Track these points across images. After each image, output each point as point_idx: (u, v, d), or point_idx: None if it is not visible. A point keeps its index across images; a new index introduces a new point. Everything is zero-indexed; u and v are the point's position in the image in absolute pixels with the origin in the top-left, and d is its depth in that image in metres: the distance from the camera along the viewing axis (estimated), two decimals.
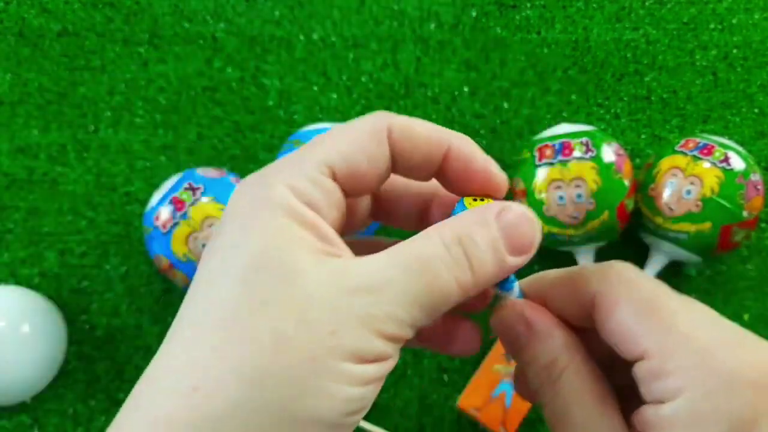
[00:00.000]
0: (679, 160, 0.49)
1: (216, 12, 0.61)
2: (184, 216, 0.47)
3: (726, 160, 0.48)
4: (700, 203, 0.48)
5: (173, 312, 0.19)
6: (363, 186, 0.20)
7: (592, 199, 0.48)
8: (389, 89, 0.60)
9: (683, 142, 0.51)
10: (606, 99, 0.60)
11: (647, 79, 0.61)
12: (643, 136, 0.59)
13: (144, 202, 0.56)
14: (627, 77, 0.61)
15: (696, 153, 0.49)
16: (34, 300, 0.50)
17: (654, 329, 0.19)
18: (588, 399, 0.20)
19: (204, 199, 0.47)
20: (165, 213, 0.47)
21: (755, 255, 0.56)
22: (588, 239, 0.50)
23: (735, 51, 0.61)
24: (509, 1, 0.62)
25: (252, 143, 0.58)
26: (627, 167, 0.50)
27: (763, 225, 0.57)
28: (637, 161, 0.58)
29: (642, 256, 0.53)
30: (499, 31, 0.61)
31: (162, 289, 0.54)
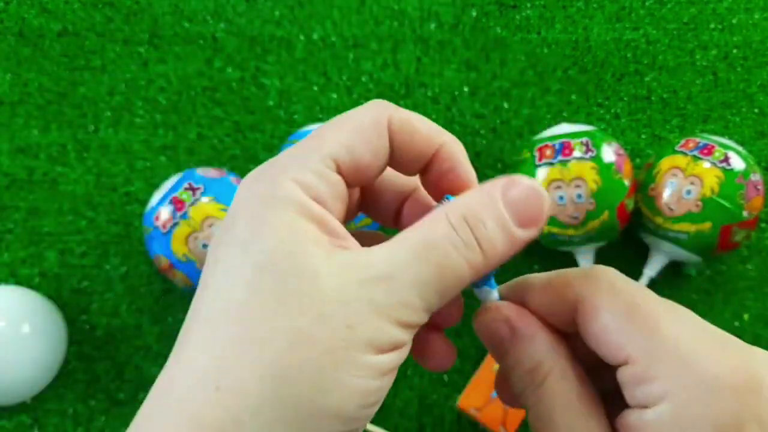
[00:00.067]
0: (679, 160, 0.49)
1: (216, 12, 0.61)
2: (184, 216, 0.47)
3: (726, 160, 0.48)
4: (700, 203, 0.48)
5: (173, 312, 0.19)
6: (364, 177, 0.20)
7: (592, 199, 0.48)
8: (389, 89, 0.60)
9: (683, 142, 0.51)
10: (606, 99, 0.60)
11: (647, 79, 0.61)
12: (643, 136, 0.59)
13: (144, 202, 0.56)
14: (627, 77, 0.61)
15: (696, 153, 0.49)
16: (34, 300, 0.50)
17: (637, 334, 0.19)
18: (572, 403, 0.20)
19: (204, 199, 0.47)
20: (165, 213, 0.47)
21: (755, 255, 0.56)
22: (588, 239, 0.50)
23: (735, 51, 0.61)
24: (509, 1, 0.62)
25: (252, 143, 0.58)
26: (627, 167, 0.50)
27: (763, 225, 0.57)
28: (637, 161, 0.58)
29: (642, 256, 0.53)
30: (499, 31, 0.61)
31: (162, 289, 0.54)
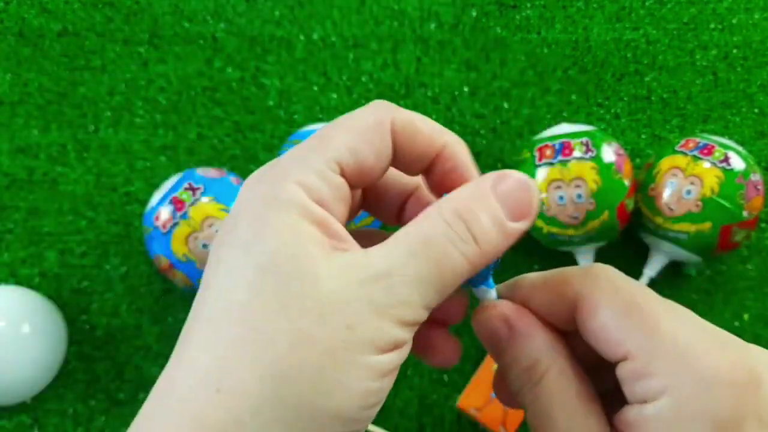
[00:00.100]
0: (679, 160, 0.49)
1: (216, 12, 0.61)
2: (184, 216, 0.47)
3: (726, 160, 0.48)
4: (700, 203, 0.48)
5: (173, 312, 0.19)
6: (367, 179, 0.21)
7: (592, 199, 0.48)
8: (389, 89, 0.60)
9: (683, 142, 0.51)
10: (606, 99, 0.60)
11: (647, 79, 0.61)
12: (643, 136, 0.59)
13: (144, 202, 0.56)
14: (627, 77, 0.61)
15: (696, 153, 0.49)
16: (34, 300, 0.50)
17: (636, 330, 0.19)
18: (570, 401, 0.20)
19: (204, 199, 0.47)
20: (165, 213, 0.47)
21: (755, 255, 0.56)
22: (588, 239, 0.50)
23: (735, 51, 0.61)
24: (509, 1, 0.62)
25: (252, 143, 0.58)
26: (627, 167, 0.50)
27: (763, 225, 0.57)
28: (637, 161, 0.58)
29: (642, 256, 0.53)
30: (499, 31, 0.61)
31: (162, 289, 0.54)
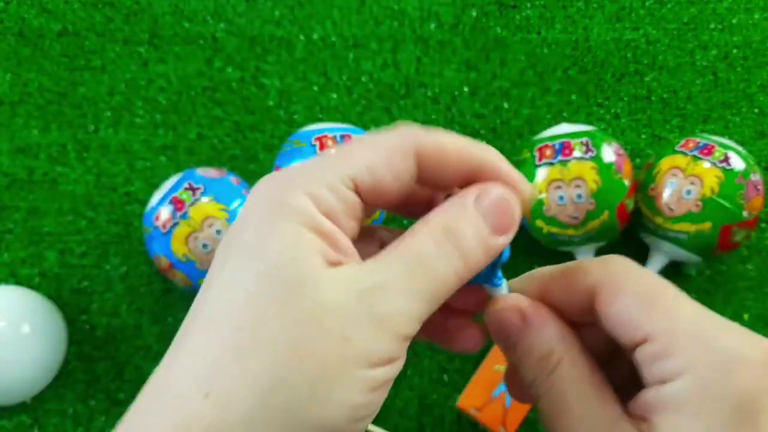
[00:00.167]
0: (679, 160, 0.49)
1: (216, 12, 0.61)
2: (184, 216, 0.47)
3: (726, 160, 0.48)
4: (700, 203, 0.48)
5: (173, 312, 0.19)
6: (385, 199, 0.21)
7: (592, 199, 0.48)
8: (389, 89, 0.60)
9: (683, 142, 0.51)
10: (606, 99, 0.60)
11: (647, 79, 0.61)
12: (643, 136, 0.59)
13: (144, 202, 0.56)
14: (627, 77, 0.61)
15: (696, 153, 0.49)
16: (34, 300, 0.50)
17: (656, 314, 0.20)
18: (585, 389, 0.20)
19: (204, 199, 0.47)
20: (165, 213, 0.47)
21: (755, 255, 0.56)
22: (588, 239, 0.50)
23: (735, 51, 0.61)
24: (509, 1, 0.62)
25: (252, 143, 0.58)
26: (627, 167, 0.50)
27: (763, 225, 0.57)
28: (637, 161, 0.58)
29: (642, 256, 0.53)
30: (499, 31, 0.61)
31: (162, 289, 0.54)
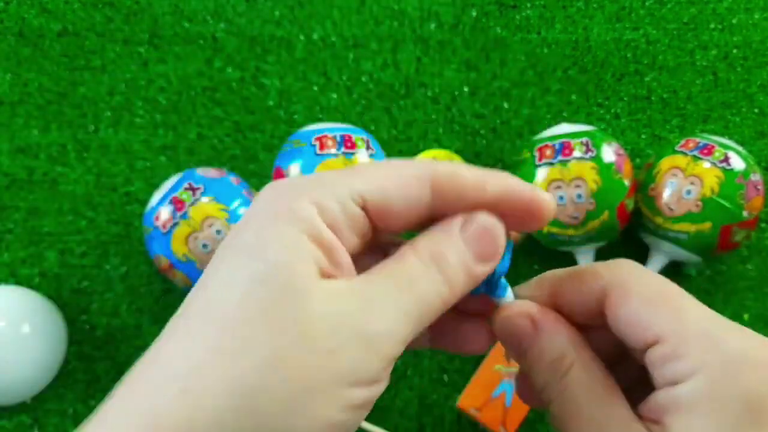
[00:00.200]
0: (679, 160, 0.49)
1: (216, 12, 0.61)
2: (184, 216, 0.47)
3: (726, 160, 0.48)
4: (700, 203, 0.48)
5: (173, 312, 0.19)
6: (395, 223, 0.21)
7: (592, 199, 0.48)
8: (389, 89, 0.60)
9: (683, 142, 0.51)
10: (606, 99, 0.60)
11: (647, 79, 0.61)
12: (643, 136, 0.59)
13: (144, 202, 0.56)
14: (627, 77, 0.61)
15: (696, 153, 0.49)
16: (34, 300, 0.50)
17: (666, 316, 0.20)
18: (597, 393, 0.21)
19: (204, 199, 0.47)
20: (165, 213, 0.47)
21: (755, 255, 0.56)
22: (588, 239, 0.50)
23: (735, 51, 0.61)
24: (509, 1, 0.62)
25: (252, 143, 0.58)
26: (627, 167, 0.50)
27: (763, 225, 0.57)
28: (637, 161, 0.58)
29: (642, 256, 0.53)
30: (499, 31, 0.61)
31: (162, 289, 0.54)
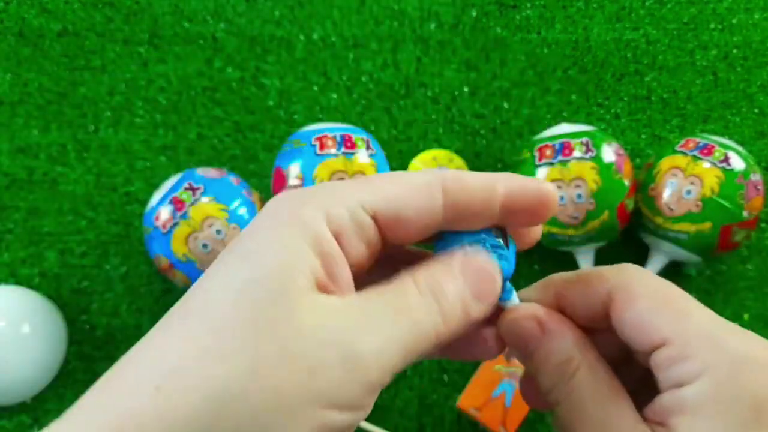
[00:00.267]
0: (679, 160, 0.49)
1: (216, 12, 0.61)
2: (184, 216, 0.47)
3: (726, 160, 0.48)
4: (700, 203, 0.48)
5: None
6: (405, 234, 0.21)
7: (592, 199, 0.48)
8: (389, 89, 0.60)
9: (683, 142, 0.51)
10: (606, 99, 0.60)
11: (647, 79, 0.61)
12: (643, 136, 0.59)
13: (144, 202, 0.56)
14: (627, 77, 0.61)
15: (696, 153, 0.49)
16: (34, 300, 0.50)
17: (672, 318, 0.20)
18: (603, 395, 0.21)
19: (204, 199, 0.47)
20: (165, 213, 0.47)
21: (755, 255, 0.56)
22: (588, 239, 0.50)
23: (735, 51, 0.61)
24: (509, 1, 0.62)
25: (252, 143, 0.58)
26: (627, 167, 0.50)
27: (763, 225, 0.57)
28: (637, 161, 0.58)
29: (642, 256, 0.53)
30: (499, 31, 0.61)
31: (162, 289, 0.54)
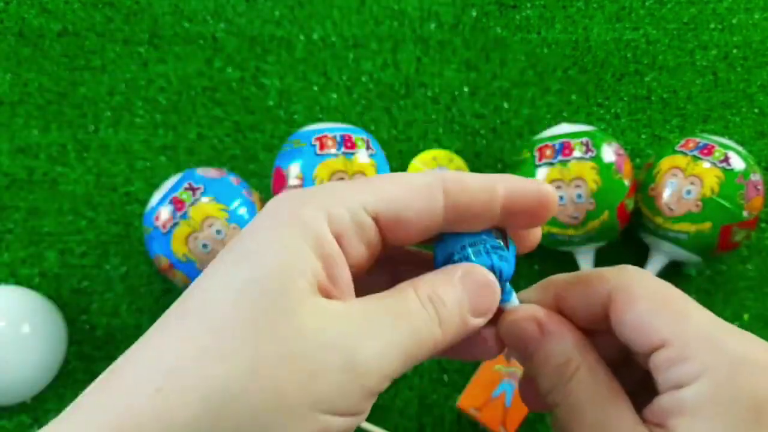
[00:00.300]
0: (679, 160, 0.49)
1: (216, 12, 0.61)
2: (184, 216, 0.47)
3: (726, 160, 0.48)
4: (700, 203, 0.48)
5: None
6: (406, 236, 0.21)
7: (592, 199, 0.48)
8: (389, 89, 0.60)
9: (683, 142, 0.51)
10: (606, 99, 0.60)
11: (647, 79, 0.61)
12: (643, 136, 0.59)
13: (144, 202, 0.56)
14: (627, 77, 0.61)
15: (696, 153, 0.49)
16: (34, 300, 0.50)
17: (671, 320, 0.20)
18: (602, 397, 0.21)
19: (204, 199, 0.47)
20: (165, 213, 0.47)
21: (755, 255, 0.56)
22: (588, 239, 0.50)
23: (735, 51, 0.61)
24: (509, 1, 0.62)
25: (252, 143, 0.58)
26: (627, 167, 0.50)
27: (763, 225, 0.57)
28: (637, 161, 0.58)
29: (642, 256, 0.53)
30: (499, 31, 0.61)
31: (162, 289, 0.54)
